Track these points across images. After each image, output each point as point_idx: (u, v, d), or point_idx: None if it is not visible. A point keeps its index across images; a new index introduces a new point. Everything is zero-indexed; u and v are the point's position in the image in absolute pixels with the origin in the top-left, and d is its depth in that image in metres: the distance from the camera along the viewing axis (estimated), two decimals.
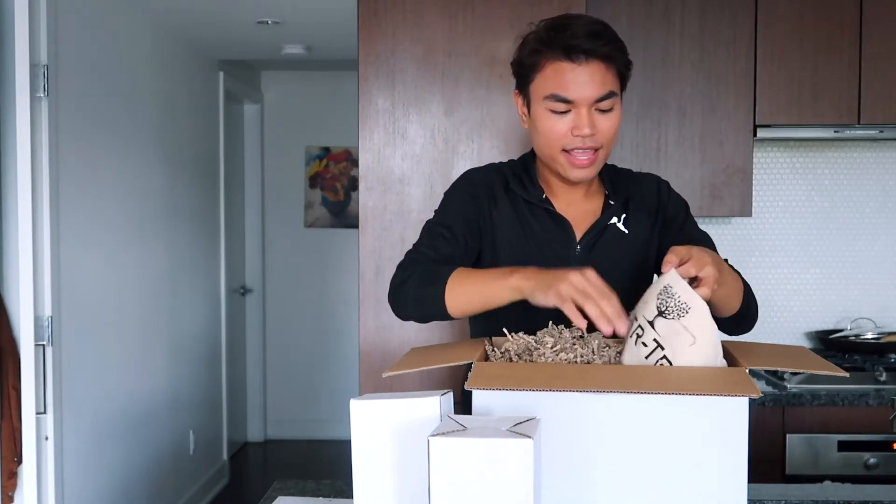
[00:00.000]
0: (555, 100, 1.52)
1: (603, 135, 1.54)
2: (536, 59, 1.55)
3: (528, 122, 1.62)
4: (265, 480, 5.02)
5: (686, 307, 1.24)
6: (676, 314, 1.24)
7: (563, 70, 1.51)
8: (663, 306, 1.26)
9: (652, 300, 1.27)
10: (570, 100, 1.51)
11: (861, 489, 1.60)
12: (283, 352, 5.84)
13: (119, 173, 3.49)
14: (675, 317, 1.24)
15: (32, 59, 2.64)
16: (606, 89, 1.52)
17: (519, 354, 1.34)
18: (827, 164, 3.08)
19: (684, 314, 1.24)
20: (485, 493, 0.95)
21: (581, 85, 1.50)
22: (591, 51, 1.50)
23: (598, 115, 1.53)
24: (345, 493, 1.51)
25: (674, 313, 1.24)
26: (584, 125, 1.52)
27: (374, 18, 2.49)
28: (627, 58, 1.57)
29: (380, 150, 2.51)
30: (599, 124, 1.53)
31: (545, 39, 1.53)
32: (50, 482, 2.75)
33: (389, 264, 2.50)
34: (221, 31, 4.19)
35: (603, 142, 1.55)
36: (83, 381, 3.09)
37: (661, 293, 1.26)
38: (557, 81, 1.51)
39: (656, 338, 1.25)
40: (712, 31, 2.72)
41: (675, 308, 1.25)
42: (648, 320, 1.27)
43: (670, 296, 1.26)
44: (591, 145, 1.54)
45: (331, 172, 5.80)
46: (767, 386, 2.61)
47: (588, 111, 1.52)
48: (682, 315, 1.24)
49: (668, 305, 1.25)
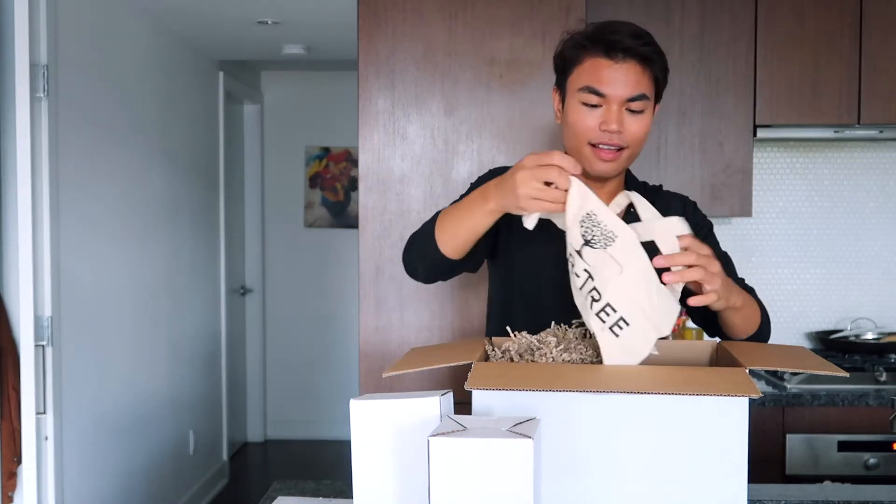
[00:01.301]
0: (588, 91, 1.54)
1: (631, 135, 1.56)
2: (578, 54, 1.58)
3: (561, 117, 1.64)
4: (265, 480, 5.02)
5: (612, 235, 1.24)
6: (603, 243, 1.25)
7: (601, 66, 1.54)
8: (588, 234, 1.26)
9: (574, 227, 1.27)
10: (603, 94, 1.53)
11: (861, 489, 1.60)
12: (283, 352, 5.84)
13: (119, 173, 3.49)
14: (602, 246, 1.25)
15: (32, 59, 2.64)
16: (640, 90, 1.54)
17: (521, 354, 1.34)
18: (827, 164, 3.08)
19: (611, 243, 1.24)
20: (485, 493, 0.95)
21: (615, 81, 1.53)
22: (630, 49, 1.53)
23: (627, 115, 1.55)
24: (345, 493, 1.51)
25: (600, 242, 1.25)
26: (612, 121, 1.53)
27: (374, 18, 2.49)
28: (666, 64, 1.59)
29: (380, 150, 2.51)
30: (628, 124, 1.55)
31: (589, 36, 1.57)
32: (50, 482, 2.75)
33: (389, 264, 2.50)
34: (221, 31, 4.19)
35: (630, 142, 1.57)
36: (83, 381, 3.09)
37: (584, 220, 1.26)
38: (594, 75, 1.54)
39: (586, 268, 1.26)
40: (712, 31, 2.72)
41: (602, 237, 1.25)
42: (576, 249, 1.27)
43: (595, 224, 1.26)
44: (618, 143, 1.56)
45: (331, 172, 5.79)
46: (767, 386, 2.61)
47: (619, 109, 1.54)
48: (608, 244, 1.24)
49: (594, 234, 1.26)
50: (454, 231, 1.49)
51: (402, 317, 2.51)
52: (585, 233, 1.26)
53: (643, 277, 1.24)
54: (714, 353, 1.43)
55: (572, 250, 1.29)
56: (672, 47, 2.73)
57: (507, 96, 2.48)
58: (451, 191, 2.47)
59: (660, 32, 2.71)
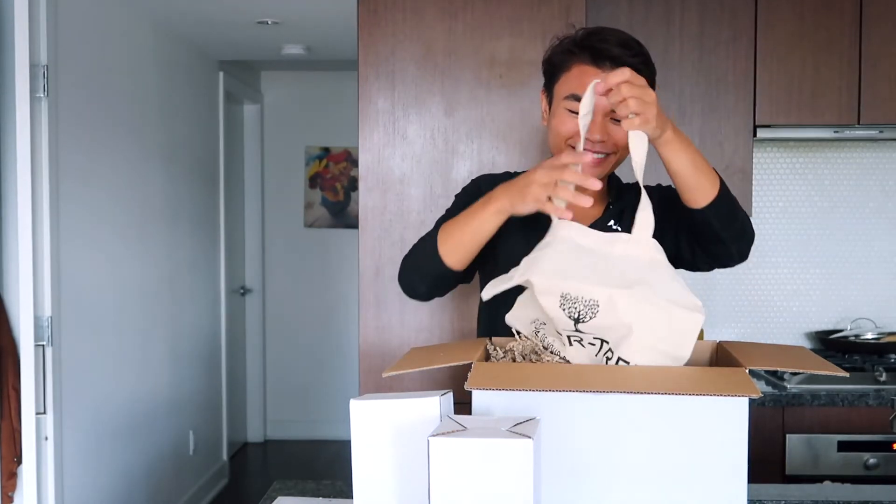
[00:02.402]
0: (573, 99, 1.54)
1: (615, 143, 1.56)
2: (566, 59, 1.59)
3: (547, 119, 1.65)
4: (265, 480, 5.02)
5: (594, 304, 1.22)
6: (590, 315, 1.23)
7: (587, 73, 1.54)
8: (574, 313, 1.24)
9: (557, 314, 1.24)
10: None
11: (861, 489, 1.60)
12: (283, 352, 5.84)
13: (119, 173, 3.49)
14: (590, 317, 1.23)
15: (32, 59, 2.64)
16: None
17: (524, 355, 1.34)
18: (827, 164, 3.08)
19: (596, 311, 1.22)
20: (485, 493, 0.95)
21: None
22: (618, 59, 1.53)
23: (612, 125, 1.55)
24: (345, 493, 1.51)
25: (587, 315, 1.24)
26: (595, 131, 1.53)
27: (374, 18, 2.49)
28: (653, 75, 1.60)
29: (380, 150, 2.51)
30: (613, 132, 1.55)
31: (578, 42, 1.58)
32: (50, 482, 2.75)
33: (389, 264, 2.50)
34: (221, 32, 4.19)
35: (616, 149, 1.57)
36: (83, 381, 3.09)
37: (562, 303, 1.23)
38: (580, 83, 1.54)
39: (596, 336, 1.25)
40: (712, 31, 2.72)
41: (586, 309, 1.23)
42: (573, 329, 1.25)
43: (574, 301, 1.24)
44: (601, 150, 1.56)
45: (331, 172, 5.79)
46: (767, 386, 2.61)
47: (603, 118, 1.54)
48: (594, 314, 1.23)
49: (579, 311, 1.24)
50: (459, 239, 1.49)
51: (402, 317, 2.51)
52: (570, 313, 1.25)
53: (651, 331, 1.22)
54: (714, 353, 1.43)
55: (569, 332, 1.26)
56: (672, 47, 2.73)
57: (507, 96, 2.48)
58: (451, 191, 2.47)
59: (660, 32, 2.72)
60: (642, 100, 1.30)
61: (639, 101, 1.30)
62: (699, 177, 1.44)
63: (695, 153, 1.43)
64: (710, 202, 1.46)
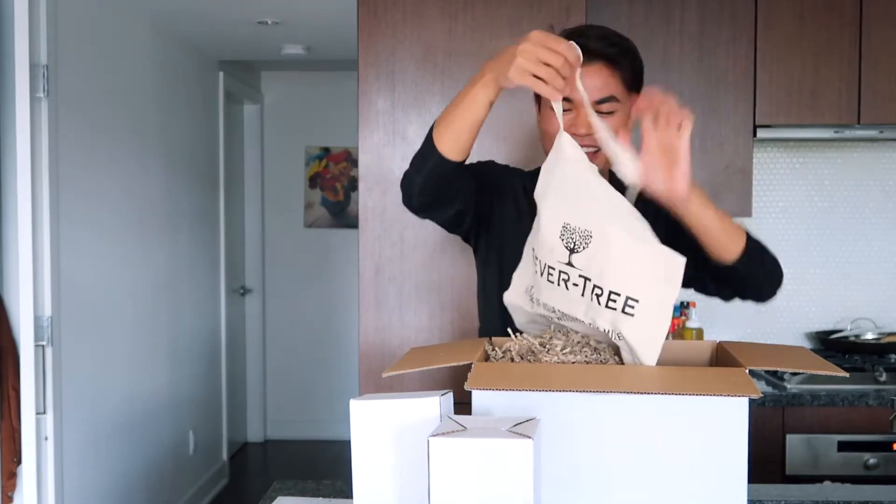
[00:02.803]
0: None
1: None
2: None
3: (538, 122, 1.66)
4: (265, 480, 5.02)
5: (587, 234, 1.29)
6: (583, 245, 1.29)
7: None
8: (570, 243, 1.30)
9: (556, 243, 1.32)
10: (571, 98, 1.52)
11: (861, 489, 1.60)
12: (283, 351, 5.84)
13: (119, 173, 3.49)
14: (584, 246, 1.29)
15: (32, 59, 2.64)
16: (607, 93, 1.54)
17: (521, 355, 1.34)
18: (827, 164, 3.08)
19: (590, 240, 1.29)
20: (485, 494, 0.95)
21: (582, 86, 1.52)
22: (595, 51, 1.52)
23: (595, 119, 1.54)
24: (345, 493, 1.51)
25: (581, 244, 1.29)
26: (580, 125, 1.53)
27: (374, 18, 2.49)
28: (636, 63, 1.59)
29: (380, 150, 2.51)
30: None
31: None
32: (50, 482, 2.75)
33: (389, 264, 2.50)
34: (221, 31, 4.19)
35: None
36: (83, 381, 3.09)
37: (562, 233, 1.31)
38: None
39: (581, 273, 1.30)
40: (712, 32, 2.72)
41: (580, 239, 1.29)
42: (565, 262, 1.31)
43: (571, 231, 1.30)
44: (589, 144, 1.54)
45: (331, 173, 5.79)
46: (767, 386, 2.61)
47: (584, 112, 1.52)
48: (587, 244, 1.29)
49: (574, 241, 1.30)
50: (451, 119, 1.45)
51: (402, 317, 2.51)
52: (567, 243, 1.30)
53: (624, 238, 1.27)
54: (714, 353, 1.43)
55: (561, 266, 1.31)
56: (672, 47, 2.73)
57: (507, 96, 2.45)
58: None
59: (660, 32, 2.72)
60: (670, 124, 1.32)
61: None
62: (726, 232, 1.45)
63: (717, 210, 1.44)
64: (737, 257, 1.48)
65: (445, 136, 1.46)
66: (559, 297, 1.34)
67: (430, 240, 2.51)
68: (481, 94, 1.41)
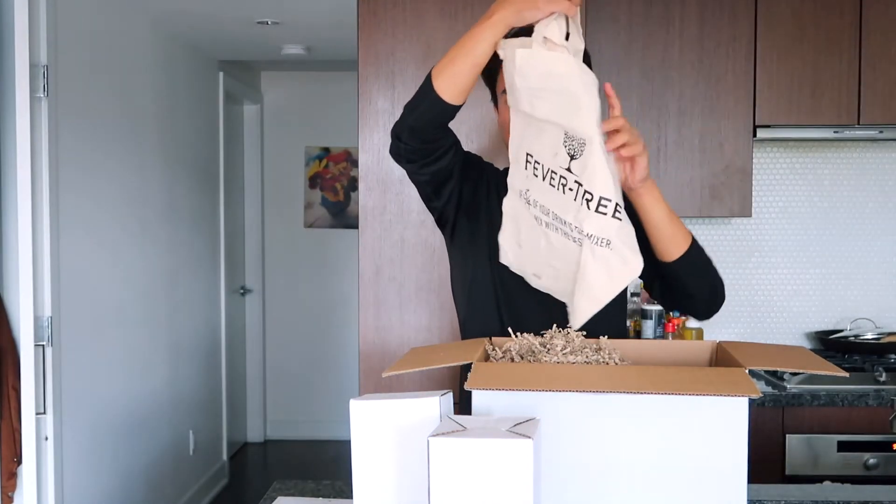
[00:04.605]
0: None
1: None
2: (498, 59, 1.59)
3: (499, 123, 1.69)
4: (265, 481, 5.02)
5: (582, 142, 1.34)
6: (580, 151, 1.34)
7: None
8: (571, 150, 1.35)
9: (559, 148, 1.36)
10: None
11: (861, 489, 1.60)
12: (282, 352, 5.83)
13: (119, 173, 3.49)
14: (580, 153, 1.34)
15: (32, 59, 2.64)
16: None
17: (521, 355, 1.34)
18: (827, 164, 3.08)
19: (583, 146, 1.34)
20: (484, 494, 0.95)
21: None
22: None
23: None
24: (345, 493, 1.51)
25: (579, 151, 1.34)
26: None
27: (374, 18, 2.49)
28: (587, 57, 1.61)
29: (380, 150, 2.51)
30: None
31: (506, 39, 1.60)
32: (50, 482, 2.75)
33: (389, 264, 2.50)
34: (221, 31, 4.19)
35: None
36: (83, 381, 3.09)
37: (564, 140, 1.35)
38: None
39: (577, 179, 1.35)
40: (712, 32, 2.72)
41: (578, 146, 1.34)
42: (565, 167, 1.36)
43: (571, 139, 1.35)
44: None
45: (330, 173, 5.79)
46: (767, 386, 2.61)
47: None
48: (582, 149, 1.34)
49: (574, 147, 1.35)
50: (452, 59, 1.43)
51: (402, 317, 2.51)
52: (569, 150, 1.35)
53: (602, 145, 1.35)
54: (714, 353, 1.43)
55: (561, 170, 1.37)
56: (672, 48, 2.73)
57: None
58: None
59: (659, 33, 2.73)
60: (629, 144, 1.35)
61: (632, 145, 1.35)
62: (674, 228, 1.47)
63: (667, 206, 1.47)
64: (681, 255, 1.49)
65: (444, 74, 1.44)
66: (555, 199, 1.39)
67: (430, 240, 2.51)
68: (488, 33, 1.39)
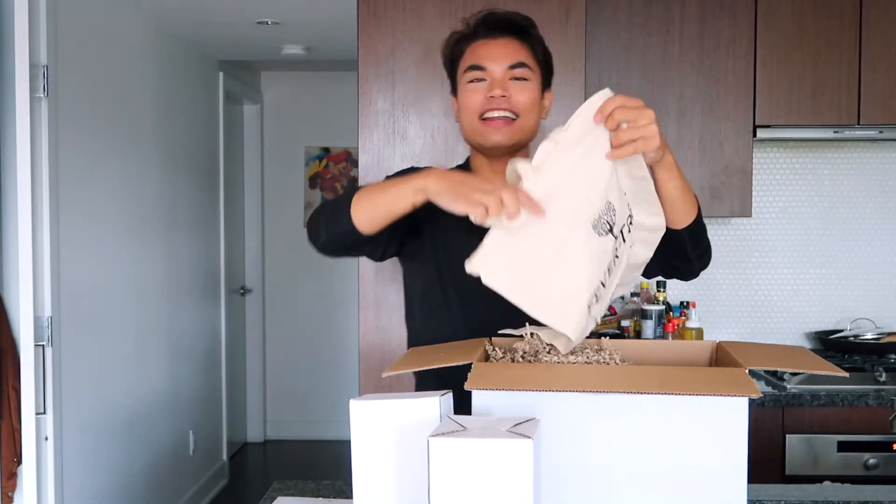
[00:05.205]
0: (471, 70, 1.60)
1: (519, 103, 1.59)
2: (459, 47, 1.65)
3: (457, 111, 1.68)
4: (265, 481, 5.02)
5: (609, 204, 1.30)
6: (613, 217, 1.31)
7: (479, 46, 1.62)
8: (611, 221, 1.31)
9: (620, 204, 1.33)
10: (484, 66, 1.59)
11: (861, 490, 1.60)
12: (283, 351, 5.84)
13: (119, 173, 3.49)
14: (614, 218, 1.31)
15: (32, 59, 2.64)
16: (519, 59, 1.60)
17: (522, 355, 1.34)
18: (827, 165, 3.08)
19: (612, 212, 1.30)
20: (484, 494, 0.95)
21: (494, 54, 1.60)
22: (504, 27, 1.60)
23: (512, 84, 1.59)
24: (345, 493, 1.51)
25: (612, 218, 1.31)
26: (495, 87, 1.58)
27: (373, 18, 2.48)
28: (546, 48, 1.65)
29: (379, 150, 2.51)
30: (514, 92, 1.59)
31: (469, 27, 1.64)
32: (50, 482, 2.75)
33: (389, 265, 2.50)
34: (221, 32, 4.19)
35: (520, 111, 1.59)
36: (83, 381, 3.09)
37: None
38: (474, 55, 1.61)
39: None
40: (712, 32, 2.72)
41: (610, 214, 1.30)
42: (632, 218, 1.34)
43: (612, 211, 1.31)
44: (507, 107, 1.58)
45: (330, 173, 5.79)
46: (767, 386, 2.61)
47: (502, 77, 1.59)
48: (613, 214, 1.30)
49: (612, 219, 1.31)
50: (373, 200, 1.44)
51: (402, 317, 2.50)
52: (609, 220, 1.30)
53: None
54: (714, 353, 1.43)
55: (625, 224, 1.33)
56: (672, 47, 2.73)
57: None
58: None
59: (660, 33, 2.72)
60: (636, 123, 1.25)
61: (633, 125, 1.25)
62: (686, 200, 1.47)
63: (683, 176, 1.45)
64: (690, 224, 1.49)
65: (364, 212, 1.45)
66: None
67: None
68: (409, 197, 1.38)
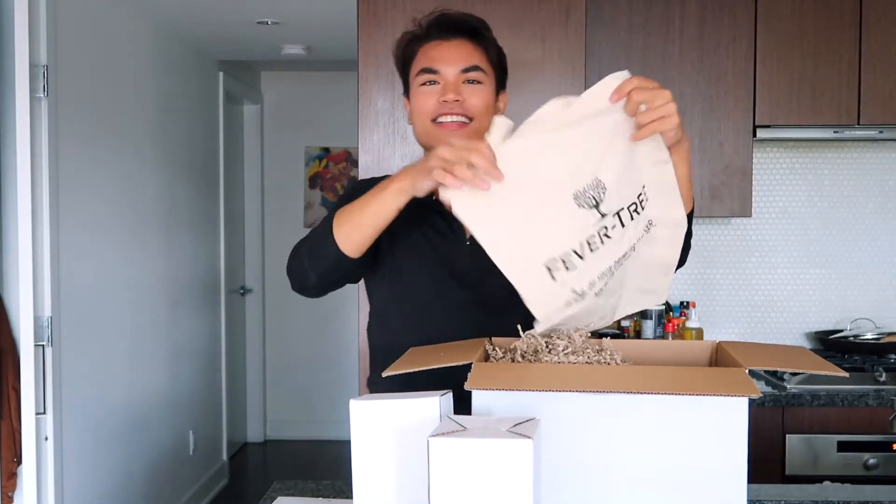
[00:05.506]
0: (423, 73, 1.58)
1: (472, 107, 1.57)
2: (412, 48, 1.63)
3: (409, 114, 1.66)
4: (265, 481, 5.02)
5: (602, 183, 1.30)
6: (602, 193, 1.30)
7: (431, 48, 1.60)
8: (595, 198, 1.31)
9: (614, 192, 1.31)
10: (437, 69, 1.57)
11: (861, 490, 1.60)
12: (282, 352, 5.84)
13: (119, 173, 3.49)
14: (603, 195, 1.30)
15: (32, 59, 2.64)
16: (472, 62, 1.58)
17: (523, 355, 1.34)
18: (827, 165, 3.08)
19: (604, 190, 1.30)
20: (484, 494, 0.95)
21: (447, 56, 1.58)
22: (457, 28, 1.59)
23: (465, 87, 1.57)
24: (345, 493, 1.51)
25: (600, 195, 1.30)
26: (448, 91, 1.56)
27: (373, 18, 2.48)
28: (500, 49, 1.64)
29: (379, 150, 2.51)
30: (467, 95, 1.57)
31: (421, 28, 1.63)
32: (50, 482, 2.75)
33: None
34: (221, 31, 4.19)
35: (474, 114, 1.57)
36: (83, 381, 3.09)
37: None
38: (426, 57, 1.59)
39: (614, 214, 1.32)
40: (712, 32, 2.72)
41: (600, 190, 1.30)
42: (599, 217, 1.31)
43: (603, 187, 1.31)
44: (460, 112, 1.56)
45: (330, 173, 5.79)
46: (767, 386, 2.61)
47: (455, 81, 1.57)
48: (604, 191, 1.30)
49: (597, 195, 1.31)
50: (358, 221, 1.41)
51: None
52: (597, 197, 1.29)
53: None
54: (714, 353, 1.43)
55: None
56: (672, 47, 2.73)
57: None
58: None
59: (660, 32, 2.72)
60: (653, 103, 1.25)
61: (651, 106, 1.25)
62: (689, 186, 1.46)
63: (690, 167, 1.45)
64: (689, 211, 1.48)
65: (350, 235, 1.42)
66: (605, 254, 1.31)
67: None
68: (393, 202, 1.38)
